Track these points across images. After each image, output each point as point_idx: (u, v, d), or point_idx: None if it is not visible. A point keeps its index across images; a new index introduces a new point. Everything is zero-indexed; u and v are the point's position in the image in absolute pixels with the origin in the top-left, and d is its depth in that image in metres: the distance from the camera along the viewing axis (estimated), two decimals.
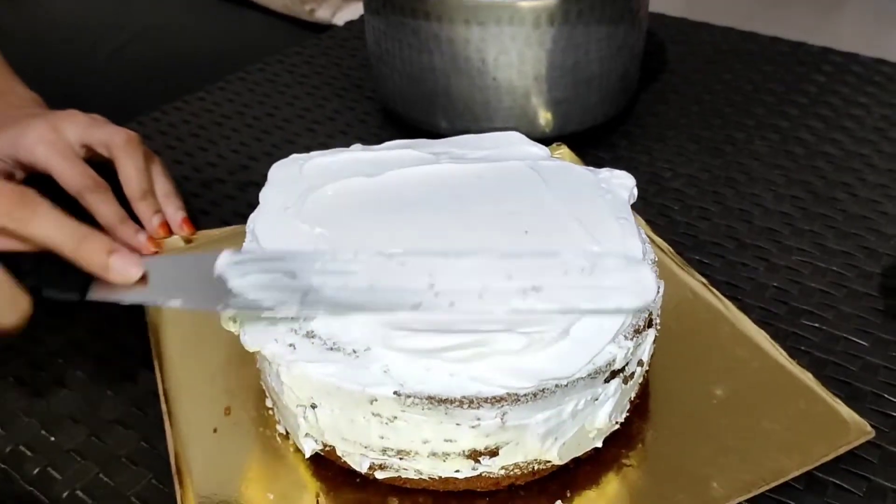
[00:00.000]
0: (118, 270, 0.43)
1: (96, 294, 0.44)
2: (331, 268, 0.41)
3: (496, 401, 0.39)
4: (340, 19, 1.03)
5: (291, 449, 0.46)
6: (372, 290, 0.40)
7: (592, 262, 0.40)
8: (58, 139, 0.59)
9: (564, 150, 0.68)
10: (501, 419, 0.40)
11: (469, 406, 0.39)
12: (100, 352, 0.54)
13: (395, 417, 0.40)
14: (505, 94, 0.69)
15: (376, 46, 0.73)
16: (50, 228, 0.43)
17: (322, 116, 0.80)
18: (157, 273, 0.44)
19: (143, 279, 0.43)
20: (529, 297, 0.39)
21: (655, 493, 0.43)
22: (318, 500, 0.43)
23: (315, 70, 0.88)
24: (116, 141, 0.60)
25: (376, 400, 0.39)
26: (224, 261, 0.42)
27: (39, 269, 0.44)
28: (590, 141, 0.72)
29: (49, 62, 0.72)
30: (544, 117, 0.70)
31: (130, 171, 0.59)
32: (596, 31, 0.67)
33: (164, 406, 0.48)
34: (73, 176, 0.58)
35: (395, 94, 0.75)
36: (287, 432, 0.46)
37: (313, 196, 0.49)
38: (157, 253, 0.58)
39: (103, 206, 0.58)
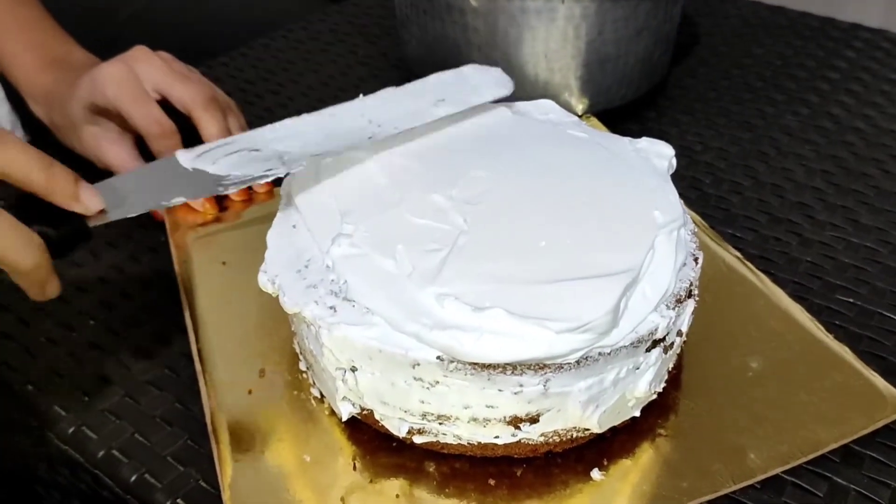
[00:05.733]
0: (85, 201, 0.42)
1: (94, 221, 0.43)
2: (282, 133, 0.49)
3: (539, 367, 0.39)
4: None
5: (326, 412, 0.46)
6: (329, 138, 0.47)
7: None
8: (128, 78, 0.58)
9: (594, 122, 0.67)
10: (544, 386, 0.39)
11: (512, 372, 0.39)
12: (131, 314, 0.54)
13: (437, 382, 0.40)
14: (515, 70, 0.67)
15: (399, 10, 0.73)
16: (19, 158, 0.41)
17: (348, 84, 0.79)
18: (137, 185, 0.45)
19: (103, 212, 0.43)
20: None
21: (692, 462, 0.43)
22: (354, 464, 0.43)
23: (339, 38, 0.87)
24: (197, 100, 0.59)
25: (419, 364, 0.39)
26: (186, 157, 0.47)
27: (40, 213, 0.42)
28: (617, 112, 0.71)
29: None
30: (555, 95, 0.68)
31: (212, 131, 0.59)
32: (611, 10, 0.65)
33: (198, 367, 0.48)
34: (141, 118, 0.57)
35: (414, 61, 0.74)
36: (322, 395, 0.46)
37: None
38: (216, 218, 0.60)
39: (166, 155, 0.58)
